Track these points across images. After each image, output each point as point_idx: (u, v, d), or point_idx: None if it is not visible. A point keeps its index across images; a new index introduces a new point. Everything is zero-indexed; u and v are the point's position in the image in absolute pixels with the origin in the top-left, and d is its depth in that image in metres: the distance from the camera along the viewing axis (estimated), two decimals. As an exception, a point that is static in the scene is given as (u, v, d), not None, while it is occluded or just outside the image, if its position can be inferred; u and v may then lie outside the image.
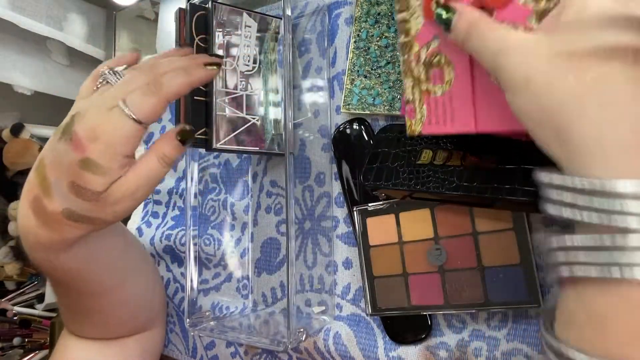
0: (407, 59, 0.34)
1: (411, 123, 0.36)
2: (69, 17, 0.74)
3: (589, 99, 0.23)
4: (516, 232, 0.40)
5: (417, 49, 0.33)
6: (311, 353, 0.52)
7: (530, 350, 0.40)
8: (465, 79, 0.32)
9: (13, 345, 0.87)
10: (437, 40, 0.33)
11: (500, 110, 0.31)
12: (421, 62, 0.33)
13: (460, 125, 0.33)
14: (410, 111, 0.35)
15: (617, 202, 0.22)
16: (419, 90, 0.34)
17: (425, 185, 0.41)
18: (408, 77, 0.34)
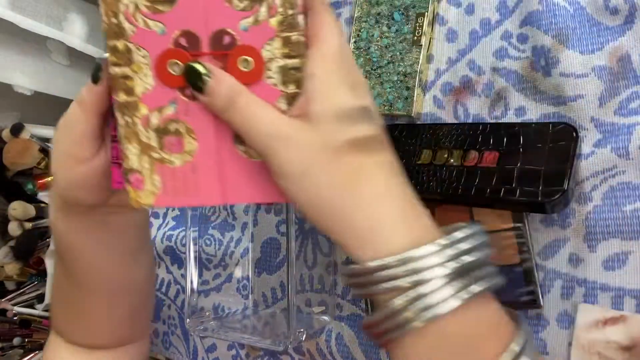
0: (130, 121, 0.29)
1: (137, 194, 0.30)
2: (69, 17, 0.74)
3: (355, 189, 0.26)
4: (516, 232, 0.40)
5: (146, 112, 0.29)
6: (313, 355, 0.52)
7: (530, 350, 0.40)
8: (209, 149, 0.30)
9: (13, 345, 0.87)
10: (173, 105, 0.29)
11: (249, 180, 0.30)
12: (152, 127, 0.29)
13: (205, 197, 0.30)
14: (137, 182, 0.30)
15: (414, 265, 0.26)
16: (148, 158, 0.30)
17: (425, 185, 0.41)
18: (132, 142, 0.29)
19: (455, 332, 0.26)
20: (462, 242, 0.27)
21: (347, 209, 0.27)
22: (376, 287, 0.27)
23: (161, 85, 0.29)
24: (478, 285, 0.26)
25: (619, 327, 0.36)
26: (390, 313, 0.26)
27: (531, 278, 0.39)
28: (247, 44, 0.28)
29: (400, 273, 0.26)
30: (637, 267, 0.36)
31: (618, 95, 0.38)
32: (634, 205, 0.37)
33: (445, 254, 0.26)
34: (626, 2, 0.38)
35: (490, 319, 0.27)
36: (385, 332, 0.27)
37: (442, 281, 0.26)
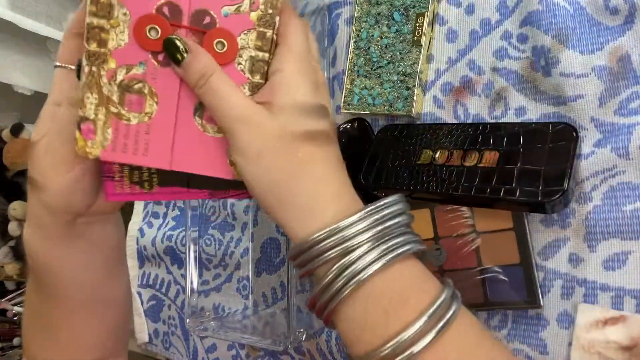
0: (96, 71, 0.30)
1: (85, 144, 0.31)
2: (69, 17, 0.74)
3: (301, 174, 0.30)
4: (516, 232, 0.40)
5: (114, 66, 0.30)
6: (313, 355, 0.52)
7: (530, 351, 0.40)
8: (168, 115, 0.31)
9: (13, 346, 0.87)
10: (142, 66, 0.30)
11: (199, 152, 0.32)
12: (116, 82, 0.30)
13: (152, 160, 0.31)
14: (89, 131, 0.31)
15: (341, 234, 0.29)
16: (106, 111, 0.30)
17: (425, 185, 0.41)
18: (93, 92, 0.30)
19: (382, 291, 0.29)
20: (383, 208, 0.30)
21: (291, 191, 0.30)
22: (312, 263, 0.29)
23: (135, 45, 0.30)
24: (401, 248, 0.29)
25: (619, 327, 0.36)
26: (324, 286, 0.29)
27: (531, 278, 0.39)
28: (226, 28, 0.30)
29: (330, 245, 0.29)
30: (637, 267, 0.36)
31: (618, 95, 0.38)
32: (634, 205, 0.37)
33: (369, 220, 0.29)
34: (626, 2, 0.38)
35: (413, 277, 0.30)
36: (324, 307, 0.29)
37: (366, 247, 0.29)
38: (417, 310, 0.28)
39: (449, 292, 0.29)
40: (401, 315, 0.28)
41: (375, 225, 0.29)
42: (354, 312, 0.29)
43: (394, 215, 0.30)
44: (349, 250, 0.29)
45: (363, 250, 0.29)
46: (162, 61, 0.30)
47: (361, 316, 0.29)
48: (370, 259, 0.28)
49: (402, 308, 0.28)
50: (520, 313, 0.41)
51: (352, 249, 0.29)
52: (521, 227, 0.40)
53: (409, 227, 0.31)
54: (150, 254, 0.68)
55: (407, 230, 0.31)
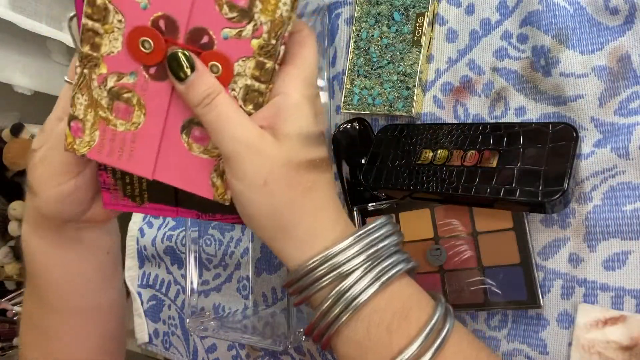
0: (87, 74, 0.30)
1: (74, 141, 0.31)
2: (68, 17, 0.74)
3: (304, 203, 0.30)
4: (516, 232, 0.40)
5: (104, 72, 0.29)
6: (313, 355, 0.52)
7: (530, 351, 0.40)
8: (155, 128, 0.30)
9: (13, 346, 0.87)
10: (134, 77, 0.29)
11: (182, 168, 0.31)
12: (106, 87, 0.30)
13: (135, 167, 0.31)
14: (77, 130, 0.31)
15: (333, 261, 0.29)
16: (94, 113, 0.31)
17: (425, 185, 0.41)
18: (83, 93, 0.30)
19: (382, 310, 0.29)
20: (373, 232, 0.30)
21: (292, 220, 0.30)
22: (308, 291, 0.30)
23: (127, 54, 0.29)
24: (393, 269, 0.30)
25: (619, 327, 0.36)
26: (323, 313, 0.29)
27: (531, 278, 0.39)
28: (223, 52, 0.29)
29: (324, 272, 0.29)
30: (637, 267, 0.36)
31: (618, 95, 0.38)
32: (634, 205, 0.37)
33: (360, 244, 0.30)
34: (626, 2, 0.38)
35: (411, 293, 0.31)
36: (322, 332, 0.30)
37: (360, 271, 0.29)
38: (418, 325, 0.28)
39: (442, 307, 0.30)
40: (404, 332, 0.28)
41: (366, 249, 0.30)
42: (355, 334, 0.29)
43: (384, 237, 0.31)
44: (343, 275, 0.29)
45: (357, 275, 0.29)
46: (153, 74, 0.30)
47: (363, 337, 0.29)
48: (365, 283, 0.29)
49: (404, 325, 0.29)
50: (520, 313, 0.41)
51: (347, 274, 0.29)
52: (521, 227, 0.40)
53: (399, 246, 0.32)
54: (150, 254, 0.68)
55: (397, 250, 0.31)
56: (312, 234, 0.30)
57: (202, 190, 0.31)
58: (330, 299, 0.29)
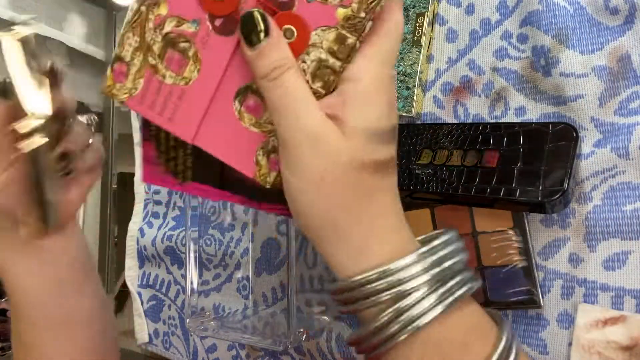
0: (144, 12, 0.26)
1: (113, 85, 0.28)
2: (69, 17, 0.74)
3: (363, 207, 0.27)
4: (516, 232, 0.40)
5: (164, 13, 0.26)
6: (314, 355, 0.52)
7: (531, 351, 0.40)
8: (207, 88, 0.27)
9: (13, 346, 0.87)
10: (195, 25, 0.26)
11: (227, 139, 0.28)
12: (162, 32, 0.26)
13: (176, 127, 0.28)
14: (120, 73, 0.28)
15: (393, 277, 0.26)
16: (143, 58, 0.27)
17: (425, 185, 0.41)
18: (136, 34, 0.27)
19: (441, 338, 0.26)
20: (439, 249, 0.27)
21: (349, 224, 0.27)
22: (361, 303, 0.27)
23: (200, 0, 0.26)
24: (458, 291, 0.26)
25: (619, 327, 0.36)
26: (376, 329, 0.26)
27: (531, 278, 0.39)
28: (303, 15, 0.25)
29: (383, 287, 0.26)
30: (637, 267, 0.36)
31: (618, 95, 0.38)
32: (634, 205, 0.37)
33: (425, 262, 0.26)
34: (626, 2, 0.38)
35: (473, 322, 0.28)
36: (372, 348, 0.27)
37: (423, 291, 0.26)
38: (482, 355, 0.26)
39: (508, 335, 0.27)
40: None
41: (431, 268, 0.26)
42: (406, 357, 0.27)
43: (450, 256, 0.27)
44: (405, 294, 0.26)
45: (420, 294, 0.26)
46: (218, 27, 0.26)
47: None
48: (428, 305, 0.26)
49: (464, 356, 0.26)
50: (520, 313, 0.41)
51: (408, 293, 0.26)
52: (521, 227, 0.40)
53: (465, 265, 0.28)
54: (150, 254, 0.68)
55: (463, 268, 0.28)
56: (368, 243, 0.27)
57: (244, 166, 0.28)
58: (387, 316, 0.26)
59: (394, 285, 0.26)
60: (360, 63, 0.26)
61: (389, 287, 0.26)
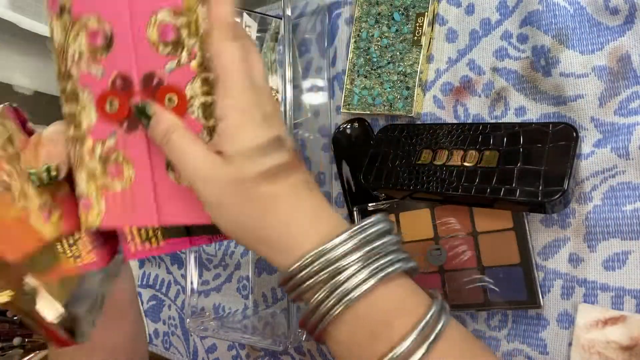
0: (78, 152, 0.33)
1: (86, 217, 0.34)
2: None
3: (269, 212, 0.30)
4: (516, 232, 0.40)
5: (91, 144, 0.33)
6: (314, 355, 0.52)
7: (530, 351, 0.40)
8: (145, 176, 0.33)
9: (13, 346, 0.87)
10: (113, 137, 0.32)
11: (180, 202, 0.33)
12: (96, 157, 0.33)
13: (142, 218, 0.33)
14: (86, 205, 0.34)
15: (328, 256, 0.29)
16: (94, 185, 0.33)
17: (425, 185, 0.41)
18: (81, 171, 0.33)
19: (369, 312, 0.28)
20: (368, 227, 0.30)
21: (263, 229, 0.30)
22: (302, 288, 0.29)
23: (102, 120, 0.32)
24: (390, 267, 0.29)
25: (619, 327, 0.36)
26: (314, 307, 0.29)
27: (531, 278, 0.39)
28: (172, 83, 0.31)
29: (318, 268, 0.29)
30: (637, 267, 0.36)
31: (618, 95, 0.38)
32: (634, 205, 0.37)
33: (355, 239, 0.29)
34: (626, 2, 0.38)
35: (404, 295, 0.30)
36: (315, 326, 0.29)
37: (355, 267, 0.28)
38: (403, 330, 0.28)
39: (437, 308, 0.29)
40: (386, 337, 0.28)
41: (362, 245, 0.29)
42: (340, 334, 0.29)
43: (380, 234, 0.30)
44: (338, 270, 0.29)
45: (353, 270, 0.28)
46: (126, 128, 0.32)
47: (348, 339, 0.29)
48: (360, 279, 0.28)
49: (388, 330, 0.28)
50: (520, 313, 0.41)
51: (342, 269, 0.28)
52: (521, 227, 0.40)
53: (398, 245, 0.31)
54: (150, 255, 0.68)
55: (396, 249, 0.30)
56: (287, 238, 0.30)
57: (202, 218, 0.32)
58: (323, 293, 0.29)
59: (329, 265, 0.29)
60: (220, 103, 0.30)
61: (325, 267, 0.29)
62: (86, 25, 0.32)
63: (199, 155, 0.30)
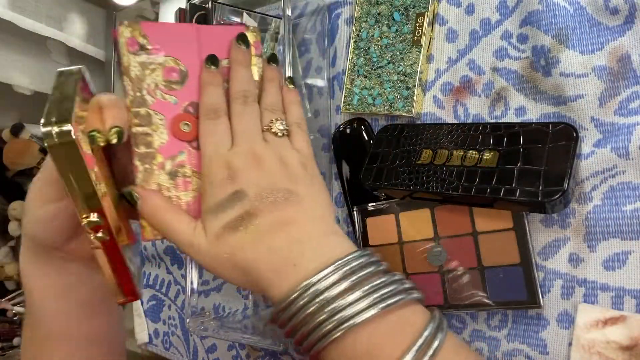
0: (149, 168, 0.36)
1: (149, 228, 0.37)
2: (69, 17, 0.74)
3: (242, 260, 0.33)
4: (516, 232, 0.40)
5: (161, 160, 0.36)
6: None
7: (531, 351, 0.40)
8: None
9: (13, 346, 0.87)
10: (184, 154, 0.37)
11: None
12: (165, 172, 0.37)
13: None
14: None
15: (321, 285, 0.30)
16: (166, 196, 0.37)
17: (425, 185, 0.41)
18: (150, 184, 0.36)
19: (367, 340, 0.30)
20: (353, 260, 0.31)
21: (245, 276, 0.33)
22: (296, 318, 0.31)
23: (173, 139, 0.37)
24: (392, 298, 0.30)
25: (619, 327, 0.36)
26: (313, 327, 0.30)
27: (531, 278, 0.39)
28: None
29: (307, 300, 0.30)
30: (637, 267, 0.36)
31: (618, 95, 0.38)
32: (634, 205, 0.37)
33: (340, 272, 0.30)
34: (626, 2, 0.38)
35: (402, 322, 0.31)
36: (311, 346, 0.31)
37: (355, 296, 0.30)
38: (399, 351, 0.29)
39: (433, 325, 0.30)
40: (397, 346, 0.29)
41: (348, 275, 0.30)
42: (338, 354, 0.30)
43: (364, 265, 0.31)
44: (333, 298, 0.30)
45: (354, 297, 0.30)
46: (195, 146, 0.37)
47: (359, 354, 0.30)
48: (361, 307, 0.29)
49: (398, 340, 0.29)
50: (520, 313, 0.41)
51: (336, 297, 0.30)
52: (521, 227, 0.40)
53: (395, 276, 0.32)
54: (151, 254, 0.68)
55: (398, 279, 0.32)
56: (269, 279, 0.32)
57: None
58: (323, 315, 0.30)
59: (319, 294, 0.30)
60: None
61: (315, 297, 0.30)
62: (163, 64, 0.37)
63: (180, 227, 0.35)
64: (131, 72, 0.36)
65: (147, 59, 0.37)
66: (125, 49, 0.36)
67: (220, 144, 0.36)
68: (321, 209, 0.36)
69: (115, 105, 0.34)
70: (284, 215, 0.34)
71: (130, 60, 0.36)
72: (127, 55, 0.36)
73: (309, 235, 0.33)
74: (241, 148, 0.36)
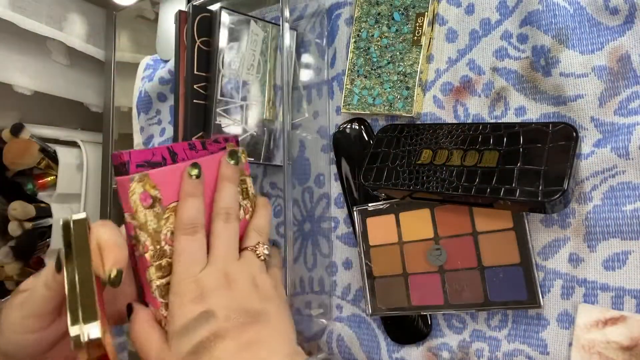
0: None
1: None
2: (69, 17, 0.74)
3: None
4: (516, 232, 0.40)
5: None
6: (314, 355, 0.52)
7: (531, 351, 0.40)
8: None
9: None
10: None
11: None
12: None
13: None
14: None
15: None
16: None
17: (425, 185, 0.41)
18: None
19: None
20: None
21: None
22: None
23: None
24: None
25: (619, 327, 0.36)
26: None
27: (531, 278, 0.39)
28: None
29: None
30: (637, 267, 0.36)
31: (618, 95, 0.38)
32: (634, 205, 0.37)
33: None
34: (626, 2, 0.38)
35: None
36: None
37: None
38: None
39: None
40: None
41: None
42: None
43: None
44: None
45: None
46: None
47: None
48: None
49: None
50: (520, 313, 0.41)
51: None
52: (521, 227, 0.40)
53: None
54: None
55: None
56: None
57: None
58: None
59: None
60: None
61: None
62: (175, 210, 0.37)
63: (153, 345, 0.35)
64: (149, 227, 0.35)
65: (161, 209, 0.36)
66: (140, 205, 0.35)
67: (193, 263, 0.36)
68: (286, 330, 0.37)
69: (115, 244, 0.33)
70: (252, 336, 0.34)
71: (147, 217, 0.35)
72: (143, 211, 0.35)
73: (275, 355, 0.34)
74: (214, 268, 0.36)
